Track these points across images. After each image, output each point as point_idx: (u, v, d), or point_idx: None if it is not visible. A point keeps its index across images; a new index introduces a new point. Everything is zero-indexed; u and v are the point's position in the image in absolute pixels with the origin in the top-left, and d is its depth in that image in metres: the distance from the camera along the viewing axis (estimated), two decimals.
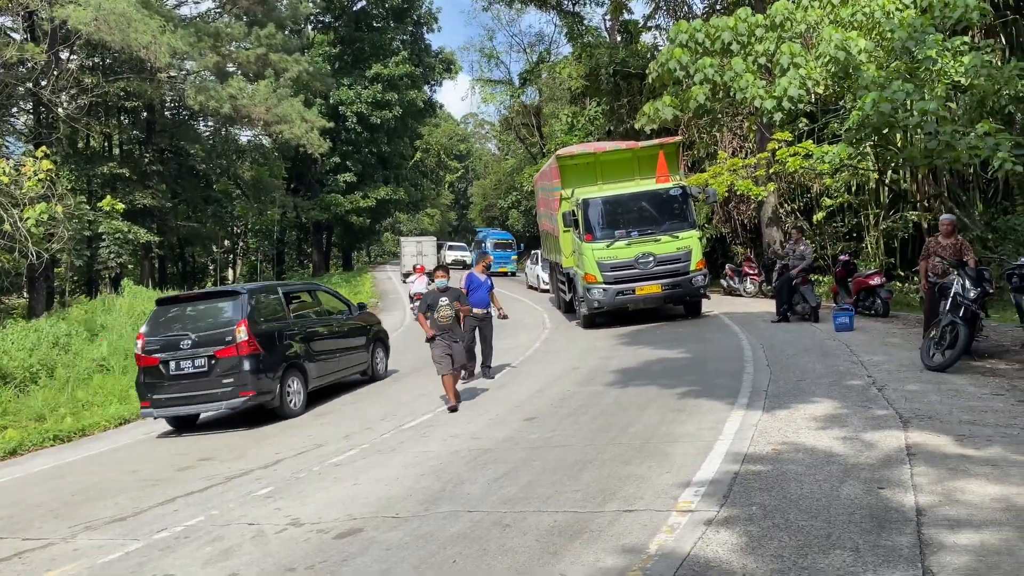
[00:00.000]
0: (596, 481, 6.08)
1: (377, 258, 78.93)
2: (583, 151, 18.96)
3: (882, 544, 4.29)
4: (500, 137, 66.13)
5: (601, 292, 16.09)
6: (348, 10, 50.05)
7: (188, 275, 46.25)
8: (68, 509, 7.43)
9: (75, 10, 23.80)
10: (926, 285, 10.46)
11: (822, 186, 22.37)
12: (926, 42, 14.35)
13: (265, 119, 30.52)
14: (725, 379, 9.70)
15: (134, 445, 10.79)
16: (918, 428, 6.56)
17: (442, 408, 10.21)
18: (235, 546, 5.66)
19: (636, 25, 33.12)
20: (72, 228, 22.80)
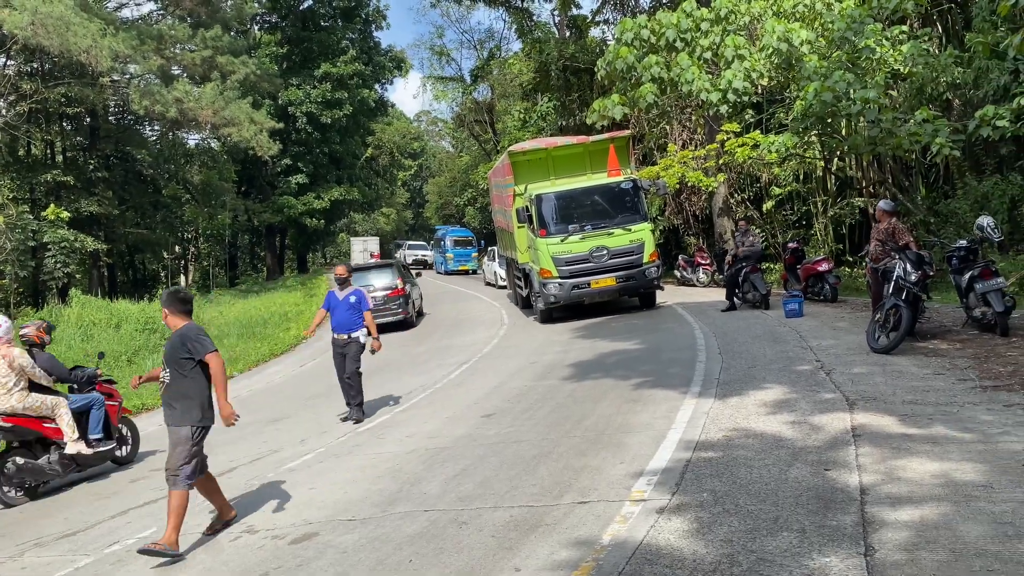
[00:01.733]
0: (552, 474, 6.13)
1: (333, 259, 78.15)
2: (535, 147, 19.00)
3: (827, 524, 4.40)
4: (454, 134, 65.94)
5: (557, 287, 16.19)
6: (295, 9, 49.41)
7: (139, 283, 45.31)
8: (17, 526, 7.26)
9: (10, 14, 23.14)
10: (869, 270, 10.71)
11: (771, 175, 22.78)
12: (865, 32, 14.68)
13: (213, 122, 30.03)
14: (678, 368, 9.83)
15: None
16: (863, 410, 6.72)
17: (399, 408, 10.19)
18: (188, 556, 5.59)
19: (585, 20, 33.29)
20: (15, 239, 22.22)
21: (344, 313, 10.12)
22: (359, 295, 10.23)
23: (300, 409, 11.63)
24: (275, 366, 17.66)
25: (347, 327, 10.11)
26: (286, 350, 19.80)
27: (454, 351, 15.10)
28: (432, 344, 16.95)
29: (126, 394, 11.27)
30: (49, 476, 8.30)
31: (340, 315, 10.13)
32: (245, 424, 10.82)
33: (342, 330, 10.12)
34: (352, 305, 10.12)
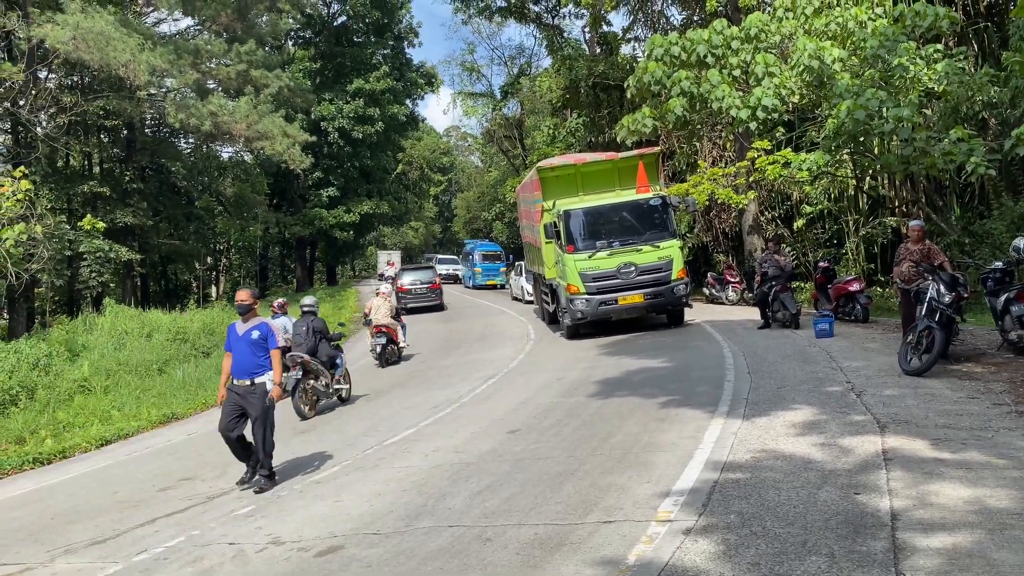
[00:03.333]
0: (577, 492, 6.10)
1: (362, 272, 78.77)
2: (564, 162, 19.01)
3: (857, 549, 4.33)
4: (483, 149, 66.30)
5: (584, 303, 16.13)
6: (328, 26, 50.11)
7: (171, 293, 45.94)
8: (48, 532, 7.37)
9: (53, 29, 23.68)
10: (898, 291, 10.57)
11: (802, 193, 22.59)
12: (898, 50, 14.55)
13: (246, 135, 30.39)
14: (706, 387, 9.76)
15: (115, 466, 10.70)
16: (895, 433, 6.62)
17: (425, 422, 10.20)
18: (215, 566, 5.64)
19: (615, 37, 33.34)
20: (52, 248, 22.62)
21: (245, 352, 7.97)
22: (264, 329, 8.09)
23: (328, 420, 11.68)
24: None
25: (248, 370, 7.92)
26: None
27: (480, 365, 15.11)
28: (458, 358, 16.98)
29: None
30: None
31: (240, 355, 8.00)
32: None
33: (242, 374, 7.94)
34: (255, 342, 7.98)
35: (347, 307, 32.63)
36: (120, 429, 13.19)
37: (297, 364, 11.82)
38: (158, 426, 13.69)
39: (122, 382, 16.63)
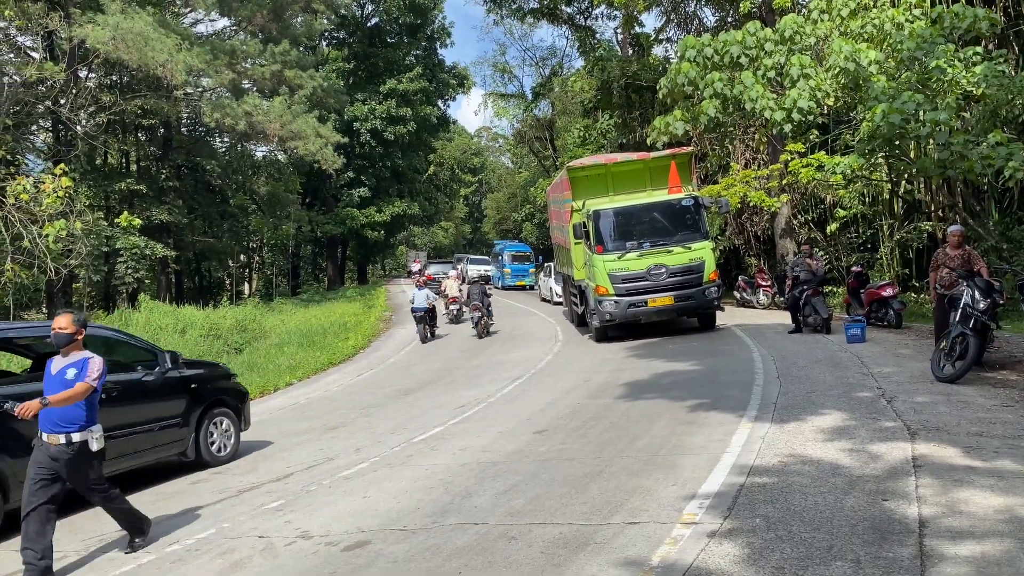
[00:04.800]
0: (603, 494, 6.12)
1: (392, 271, 79.26)
2: (594, 162, 18.89)
3: (883, 555, 4.30)
4: (513, 150, 66.36)
5: (613, 304, 15.97)
6: (362, 26, 50.51)
7: (204, 290, 46.62)
8: (82, 523, 7.53)
9: (93, 29, 24.17)
10: (935, 296, 10.44)
11: (835, 197, 22.34)
12: (936, 52, 14.35)
13: (280, 135, 30.77)
14: (735, 391, 9.71)
15: None
16: (925, 440, 6.55)
17: (453, 421, 10.26)
18: (245, 559, 5.73)
19: (648, 38, 33.23)
20: (90, 244, 23.09)
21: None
22: (83, 368, 5.85)
23: (356, 418, 11.80)
24: (333, 375, 17.97)
25: (59, 422, 5.80)
26: (344, 360, 20.13)
27: (508, 366, 15.16)
28: (487, 358, 17.04)
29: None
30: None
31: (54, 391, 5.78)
32: (302, 431, 11.08)
33: (51, 426, 5.79)
34: (69, 385, 5.78)
35: (377, 306, 32.86)
36: None
37: (478, 309, 20.90)
38: None
39: None
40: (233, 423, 9.83)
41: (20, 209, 19.62)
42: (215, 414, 9.58)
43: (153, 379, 8.81)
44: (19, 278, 20.93)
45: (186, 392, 9.20)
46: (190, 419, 9.16)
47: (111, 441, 7.02)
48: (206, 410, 9.44)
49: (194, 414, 9.23)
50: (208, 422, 9.44)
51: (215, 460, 9.44)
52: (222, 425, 9.67)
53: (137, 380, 8.65)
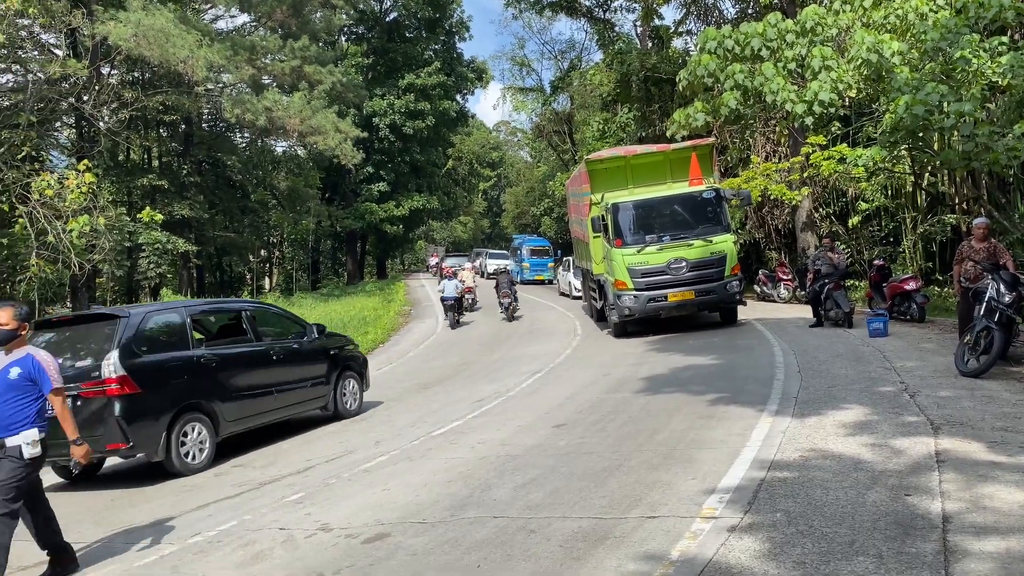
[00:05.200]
0: (622, 487, 6.10)
1: (411, 266, 79.49)
2: (613, 155, 18.68)
3: (906, 551, 4.26)
4: (532, 144, 66.30)
5: (632, 299, 15.76)
6: (381, 21, 50.58)
7: (226, 284, 46.98)
8: (108, 513, 7.63)
9: (115, 26, 24.38)
10: (959, 289, 10.32)
11: (857, 190, 22.14)
12: (960, 43, 14.14)
13: (300, 130, 30.92)
14: (755, 385, 9.65)
15: None
16: (949, 435, 6.48)
17: (472, 415, 10.28)
18: (266, 550, 5.78)
19: (667, 31, 33.03)
20: (113, 239, 23.32)
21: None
22: (29, 366, 5.45)
23: (376, 411, 11.85)
24: None
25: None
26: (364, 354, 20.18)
27: (527, 360, 15.16)
28: (505, 352, 17.05)
29: None
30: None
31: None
32: (321, 424, 11.14)
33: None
34: (13, 384, 5.40)
35: (396, 300, 32.97)
36: None
37: (507, 296, 23.49)
38: None
39: None
40: (358, 384, 11.93)
41: (45, 205, 19.85)
42: (346, 376, 11.61)
43: (304, 346, 10.91)
44: (44, 273, 21.20)
45: (327, 357, 11.25)
46: (330, 379, 11.18)
47: (280, 395, 10.18)
48: (340, 372, 11.44)
49: (333, 375, 11.25)
50: (341, 382, 11.43)
51: (347, 413, 11.44)
52: (351, 385, 11.70)
53: (294, 347, 10.76)
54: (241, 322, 10.45)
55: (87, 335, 8.99)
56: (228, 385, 9.45)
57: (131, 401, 8.27)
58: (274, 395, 10.18)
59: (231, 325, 10.59)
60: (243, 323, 10.41)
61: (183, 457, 8.80)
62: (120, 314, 8.90)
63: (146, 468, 9.94)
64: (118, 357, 8.23)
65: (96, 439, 7.99)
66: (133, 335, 8.60)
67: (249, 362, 10.01)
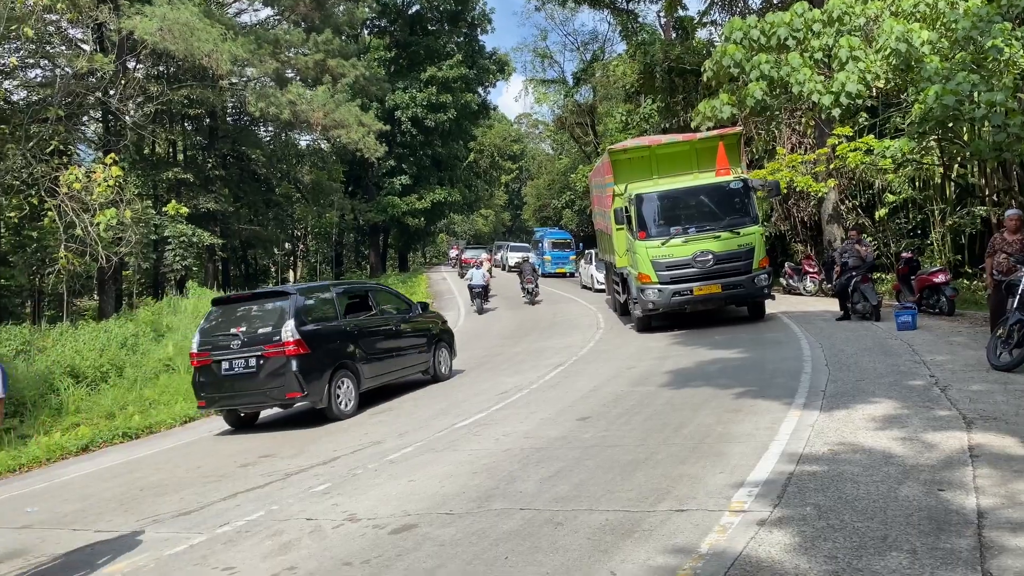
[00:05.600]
0: (649, 481, 6.07)
1: (432, 259, 79.64)
2: (637, 144, 18.29)
3: (940, 546, 4.20)
4: (554, 137, 66.09)
5: (656, 293, 15.40)
6: (403, 14, 50.60)
7: (250, 277, 47.29)
8: (137, 503, 7.71)
9: (141, 21, 24.60)
10: (992, 282, 10.15)
11: (884, 182, 21.85)
12: (992, 31, 13.89)
13: (323, 124, 31.05)
14: (783, 379, 9.56)
15: (198, 442, 11.13)
16: (982, 429, 6.38)
17: (495, 407, 10.28)
18: (294, 540, 5.81)
19: (691, 21, 32.79)
20: (139, 232, 23.58)
21: None
22: None
23: (400, 403, 11.89)
24: None
25: None
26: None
27: (549, 353, 15.13)
28: (528, 345, 17.03)
29: None
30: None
31: None
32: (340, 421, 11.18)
33: None
34: None
35: (419, 293, 33.03)
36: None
37: (531, 281, 25.86)
38: None
39: None
40: (448, 353, 14.07)
41: (73, 198, 20.08)
42: (440, 345, 13.74)
43: (412, 319, 13.25)
44: (72, 265, 21.46)
45: (427, 330, 13.57)
46: (430, 348, 13.41)
47: (398, 359, 12.57)
48: (436, 343, 13.64)
49: (431, 345, 13.46)
50: (437, 351, 13.56)
51: (442, 377, 13.61)
52: (444, 354, 13.84)
53: (406, 319, 13.08)
54: (367, 299, 12.74)
55: (263, 308, 11.17)
56: (365, 349, 11.73)
57: (303, 359, 10.46)
58: (394, 358, 12.55)
59: (360, 301, 12.61)
60: (369, 300, 12.71)
61: (339, 405, 10.93)
62: (289, 291, 11.30)
63: (174, 457, 10.08)
64: (294, 324, 10.46)
65: (277, 389, 10.51)
66: (300, 307, 10.84)
67: (378, 331, 12.30)
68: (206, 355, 10.85)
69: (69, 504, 8.13)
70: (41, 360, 15.33)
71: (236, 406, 11.04)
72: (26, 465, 10.82)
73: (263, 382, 10.51)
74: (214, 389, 10.84)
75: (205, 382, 10.90)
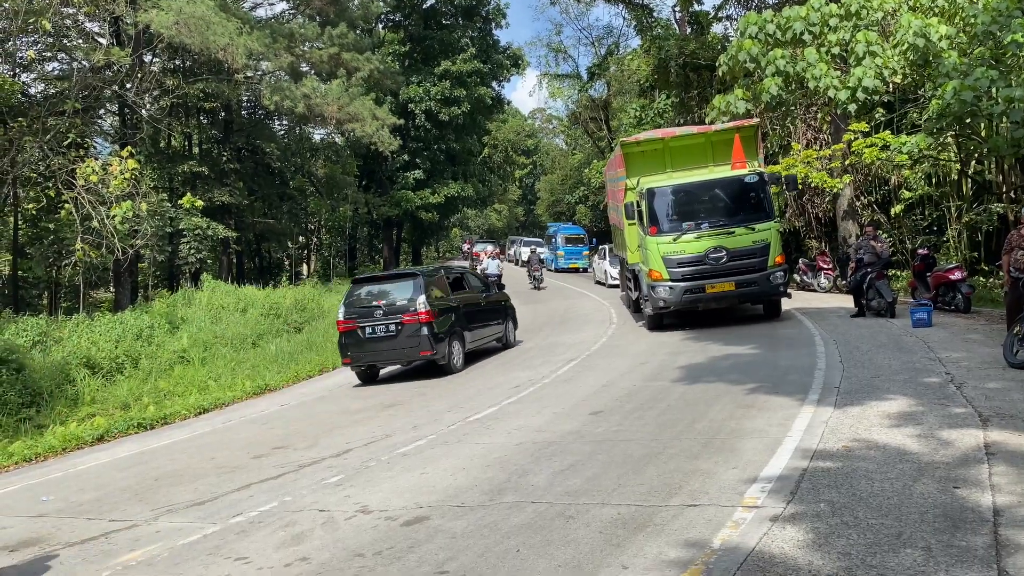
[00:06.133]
0: (661, 475, 6.06)
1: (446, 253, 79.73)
2: (651, 137, 17.65)
3: (956, 544, 4.17)
4: (568, 132, 65.97)
5: (667, 290, 14.87)
6: (418, 8, 50.52)
7: (264, 270, 47.46)
8: (151, 493, 7.78)
9: (157, 14, 24.67)
10: (1008, 279, 10.07)
11: (900, 178, 21.68)
12: (1011, 26, 13.75)
13: (338, 117, 31.06)
14: (796, 375, 9.52)
15: (212, 434, 11.20)
16: (998, 427, 6.33)
17: (508, 401, 10.29)
18: (306, 531, 5.84)
19: (706, 16, 32.60)
20: (155, 225, 23.72)
21: None
22: None
23: (413, 396, 11.92)
24: None
25: None
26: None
27: (562, 348, 15.12)
28: (540, 340, 17.03)
29: None
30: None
31: None
32: (359, 409, 11.25)
33: None
34: None
35: None
36: (216, 399, 13.79)
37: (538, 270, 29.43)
38: (252, 397, 14.24)
39: (218, 354, 17.35)
40: (514, 326, 17.24)
41: (89, 191, 20.23)
42: (508, 319, 16.88)
43: (488, 297, 16.37)
44: (89, 257, 21.62)
45: (501, 305, 16.84)
46: (503, 321, 16.61)
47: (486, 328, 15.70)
48: (506, 316, 16.80)
49: (503, 318, 16.64)
50: (507, 323, 16.79)
51: (511, 344, 16.72)
52: (510, 325, 16.99)
53: (487, 296, 16.27)
54: (463, 280, 15.63)
55: (396, 286, 14.14)
56: (467, 320, 14.70)
57: (431, 326, 13.37)
58: (483, 328, 15.51)
59: (458, 282, 15.29)
60: (463, 281, 15.60)
61: (454, 363, 13.94)
62: (416, 273, 14.36)
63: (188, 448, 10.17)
64: (425, 298, 13.41)
65: (413, 349, 13.52)
66: (426, 284, 13.74)
67: (472, 306, 15.23)
68: (352, 323, 13.63)
69: (84, 493, 8.21)
70: (57, 351, 15.47)
71: (376, 362, 14.15)
72: (42, 455, 10.93)
73: (401, 343, 13.43)
74: (358, 349, 13.64)
75: (350, 343, 13.70)
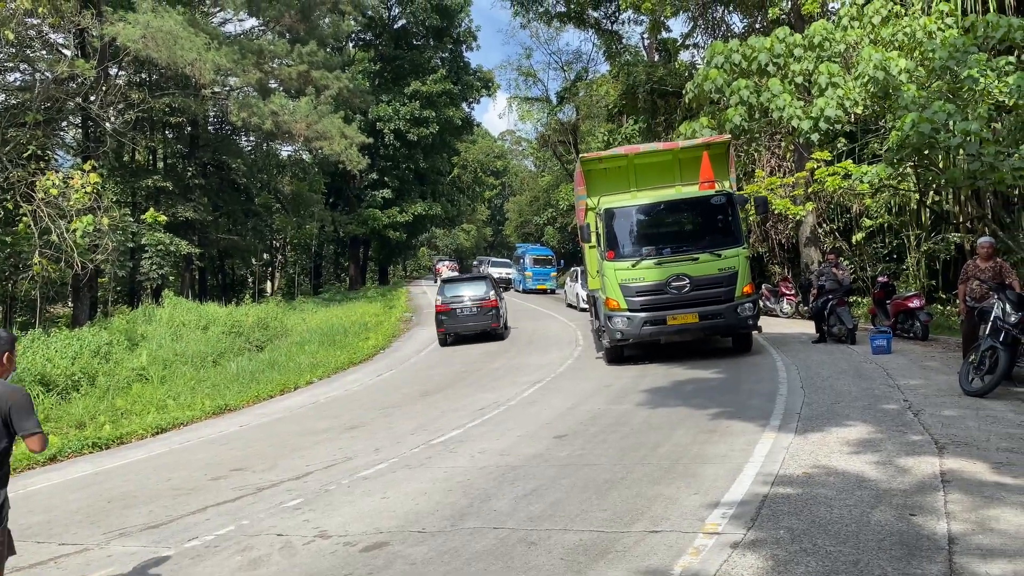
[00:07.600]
0: (624, 501, 6.05)
1: (413, 272, 79.48)
2: (613, 153, 16.42)
3: (912, 572, 4.22)
4: (537, 154, 66.41)
5: (624, 321, 13.55)
6: (389, 28, 50.72)
7: (228, 287, 46.93)
8: (104, 516, 7.58)
9: (124, 27, 24.45)
10: (964, 308, 10.29)
11: (862, 206, 22.13)
12: (968, 62, 14.16)
13: (305, 135, 30.96)
14: (758, 400, 9.61)
15: (169, 454, 10.96)
16: (954, 454, 6.43)
17: (472, 424, 10.24)
18: (263, 556, 5.73)
19: (674, 43, 33.14)
20: (116, 240, 23.32)
21: None
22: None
23: (376, 418, 11.80)
24: (353, 374, 18.00)
25: None
26: (364, 359, 20.18)
27: (528, 370, 15.11)
28: (506, 361, 17.00)
29: None
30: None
31: None
32: (321, 430, 11.10)
33: None
34: None
35: (398, 306, 32.95)
36: (175, 418, 13.51)
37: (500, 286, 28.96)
38: (211, 416, 13.98)
39: (178, 372, 17.06)
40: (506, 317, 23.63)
41: (49, 204, 19.86)
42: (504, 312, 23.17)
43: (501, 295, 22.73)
44: (47, 272, 21.19)
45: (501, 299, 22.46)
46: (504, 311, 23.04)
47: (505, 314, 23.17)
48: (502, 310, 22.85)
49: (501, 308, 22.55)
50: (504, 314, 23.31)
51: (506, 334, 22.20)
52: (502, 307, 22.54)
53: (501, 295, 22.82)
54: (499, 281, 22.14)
55: (473, 284, 22.11)
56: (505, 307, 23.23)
57: (497, 308, 21.25)
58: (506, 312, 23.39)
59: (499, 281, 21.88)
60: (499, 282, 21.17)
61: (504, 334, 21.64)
62: (484, 276, 23.55)
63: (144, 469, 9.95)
64: (492, 291, 21.41)
65: (487, 322, 21.02)
66: (491, 281, 22.23)
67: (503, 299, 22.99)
68: (447, 307, 21.12)
69: (34, 516, 7.97)
70: None
71: (462, 330, 21.19)
72: None
73: (480, 318, 21.04)
74: (451, 322, 21.00)
75: (446, 319, 21.03)
